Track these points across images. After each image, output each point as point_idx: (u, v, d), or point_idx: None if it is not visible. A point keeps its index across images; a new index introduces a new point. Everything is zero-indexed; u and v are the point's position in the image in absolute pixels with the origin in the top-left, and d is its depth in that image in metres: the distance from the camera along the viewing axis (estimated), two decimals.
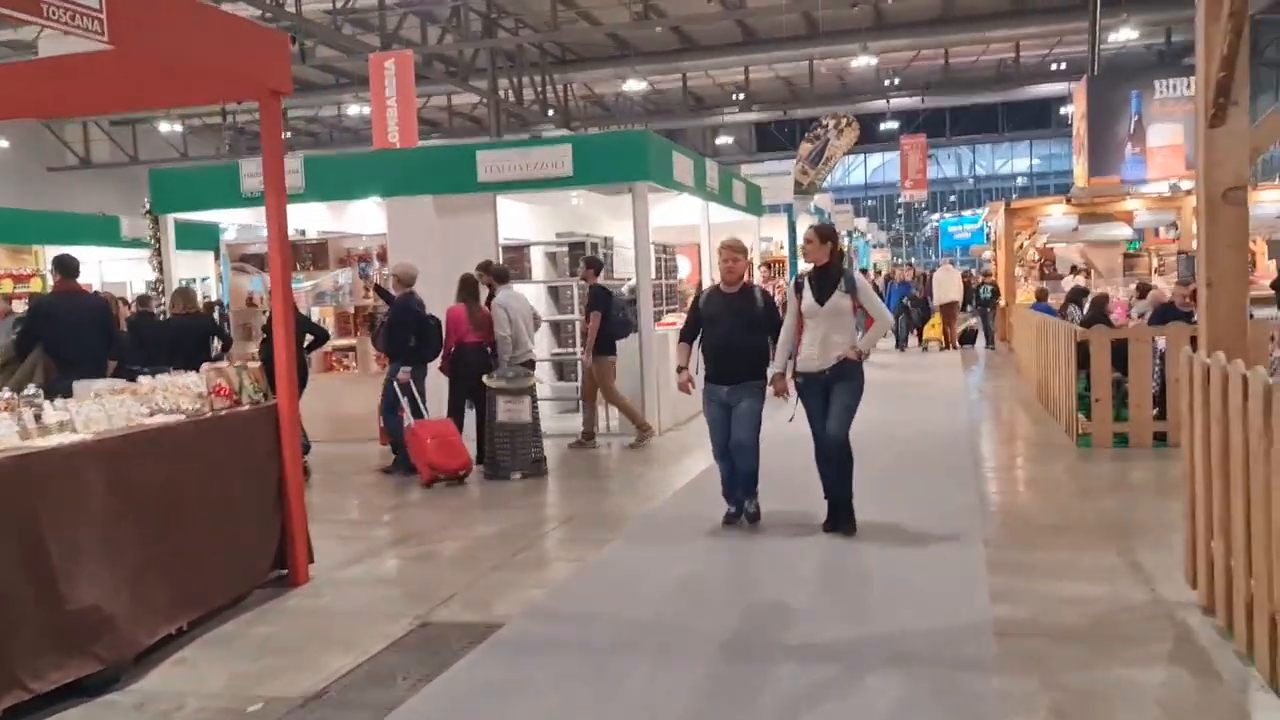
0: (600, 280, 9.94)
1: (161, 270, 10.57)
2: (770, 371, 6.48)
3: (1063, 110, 33.57)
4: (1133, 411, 8.81)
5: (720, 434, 6.61)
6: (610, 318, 9.73)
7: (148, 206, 10.56)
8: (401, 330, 8.82)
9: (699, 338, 6.69)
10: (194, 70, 5.43)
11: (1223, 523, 4.36)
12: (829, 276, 6.25)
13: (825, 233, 6.41)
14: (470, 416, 9.20)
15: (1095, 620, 4.64)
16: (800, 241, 6.67)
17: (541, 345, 11.03)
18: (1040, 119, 38.15)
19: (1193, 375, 4.74)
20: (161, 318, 9.69)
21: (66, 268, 7.78)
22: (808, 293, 6.27)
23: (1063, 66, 29.82)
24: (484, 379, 8.75)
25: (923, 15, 25.72)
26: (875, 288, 20.96)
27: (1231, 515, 4.21)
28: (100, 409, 4.86)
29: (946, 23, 26.00)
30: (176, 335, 8.69)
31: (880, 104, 31.26)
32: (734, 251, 6.57)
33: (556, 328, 11.80)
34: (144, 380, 5.41)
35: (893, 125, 34.46)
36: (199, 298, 11.08)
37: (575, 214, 12.62)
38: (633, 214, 10.17)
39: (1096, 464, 8.46)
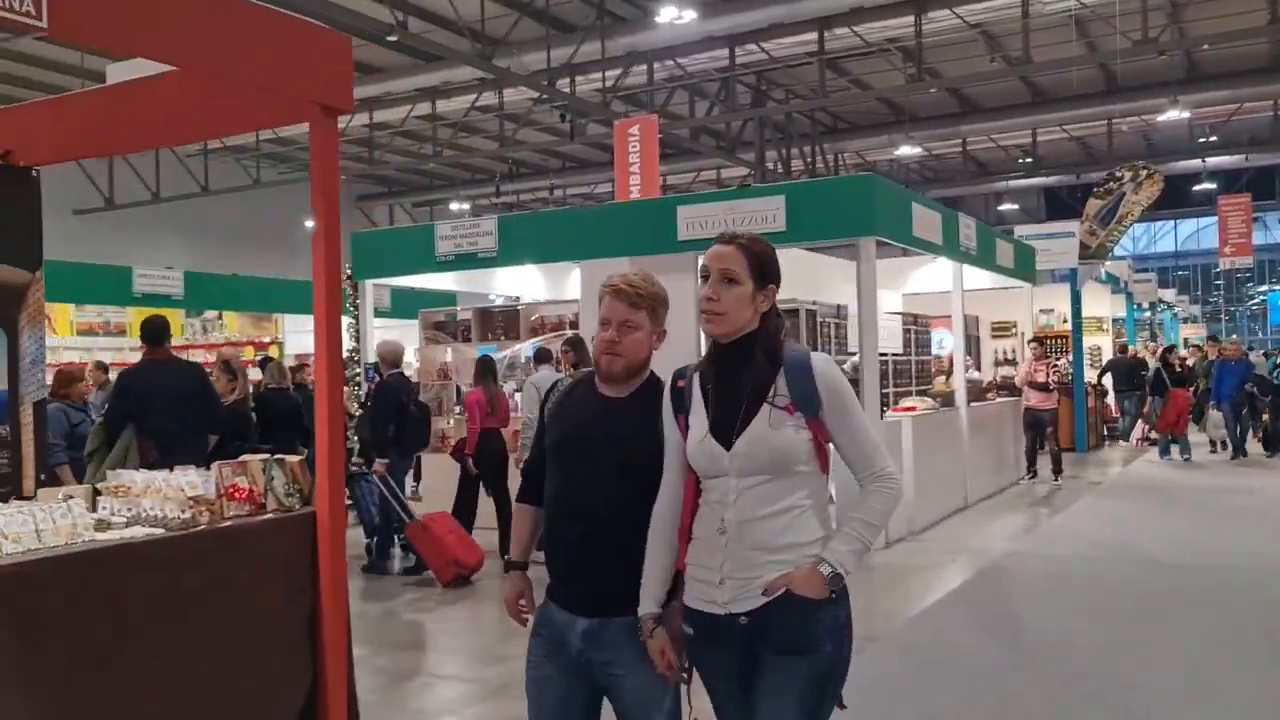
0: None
1: (358, 338, 9.62)
2: (645, 604, 2.55)
3: None
4: None
5: None
6: None
7: (349, 271, 9.69)
8: (380, 418, 7.51)
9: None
10: (240, 88, 4.09)
11: None
12: (748, 368, 2.44)
13: (755, 253, 2.48)
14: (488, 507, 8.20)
15: None
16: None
17: None
18: None
19: None
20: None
21: (153, 333, 6.66)
22: (697, 411, 2.48)
23: None
24: None
25: (1247, 63, 21.70)
26: (1056, 374, 15.71)
27: None
28: (28, 519, 3.47)
29: (1276, 70, 21.79)
30: (265, 414, 7.73)
31: (1194, 163, 26.97)
32: (623, 300, 2.63)
33: None
34: (134, 477, 4.04)
35: (1209, 187, 29.68)
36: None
37: (803, 278, 10.63)
38: (857, 275, 8.07)
39: None
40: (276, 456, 4.36)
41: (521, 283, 11.06)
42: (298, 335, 14.23)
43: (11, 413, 4.88)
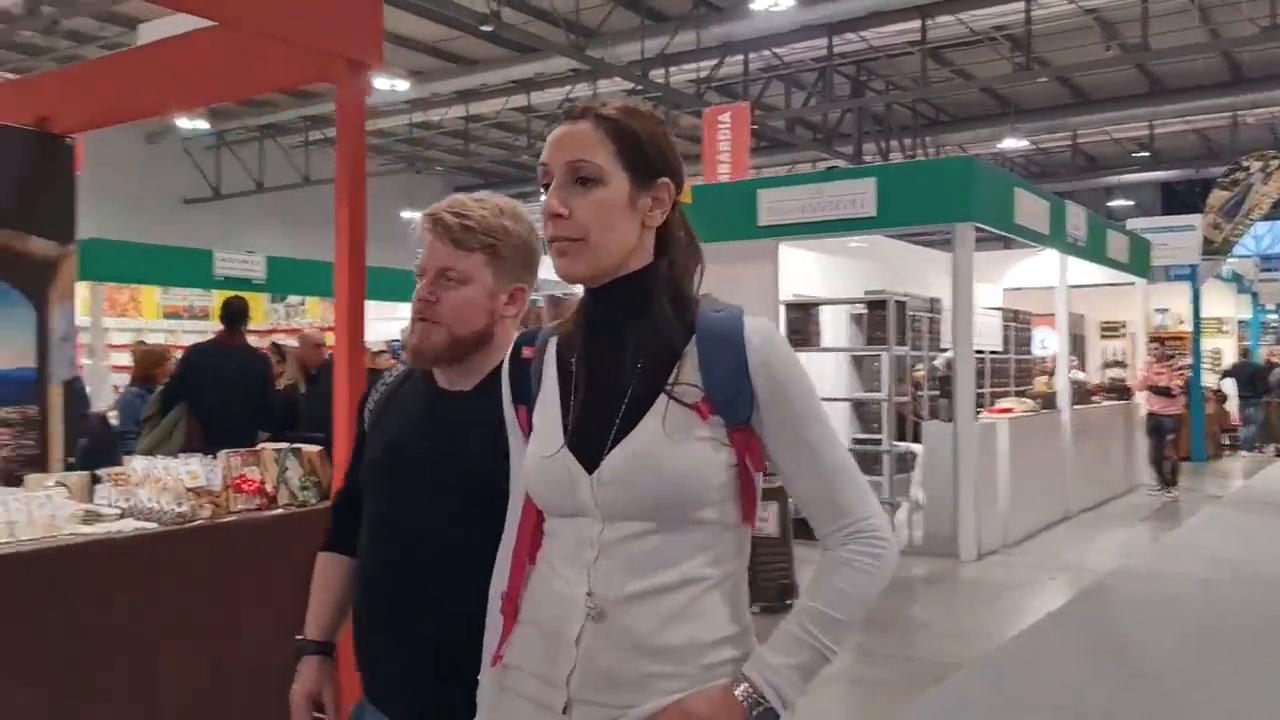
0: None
1: None
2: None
3: None
4: None
5: None
6: None
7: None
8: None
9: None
10: (257, 39, 3.69)
11: None
12: (638, 330, 1.42)
13: (625, 129, 1.42)
14: None
15: None
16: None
17: (839, 428, 8.44)
18: None
19: None
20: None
21: (229, 314, 6.37)
22: (548, 403, 1.47)
23: None
24: None
25: None
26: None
27: None
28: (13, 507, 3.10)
29: None
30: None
31: None
32: (444, 237, 1.69)
33: (859, 407, 9.10)
34: (136, 464, 3.67)
35: None
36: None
37: (894, 268, 9.89)
38: (953, 264, 7.36)
39: None
40: (294, 446, 3.95)
41: None
42: (378, 322, 14.10)
43: (40, 391, 4.60)
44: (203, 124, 19.11)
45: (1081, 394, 10.96)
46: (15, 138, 4.36)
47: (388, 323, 12.86)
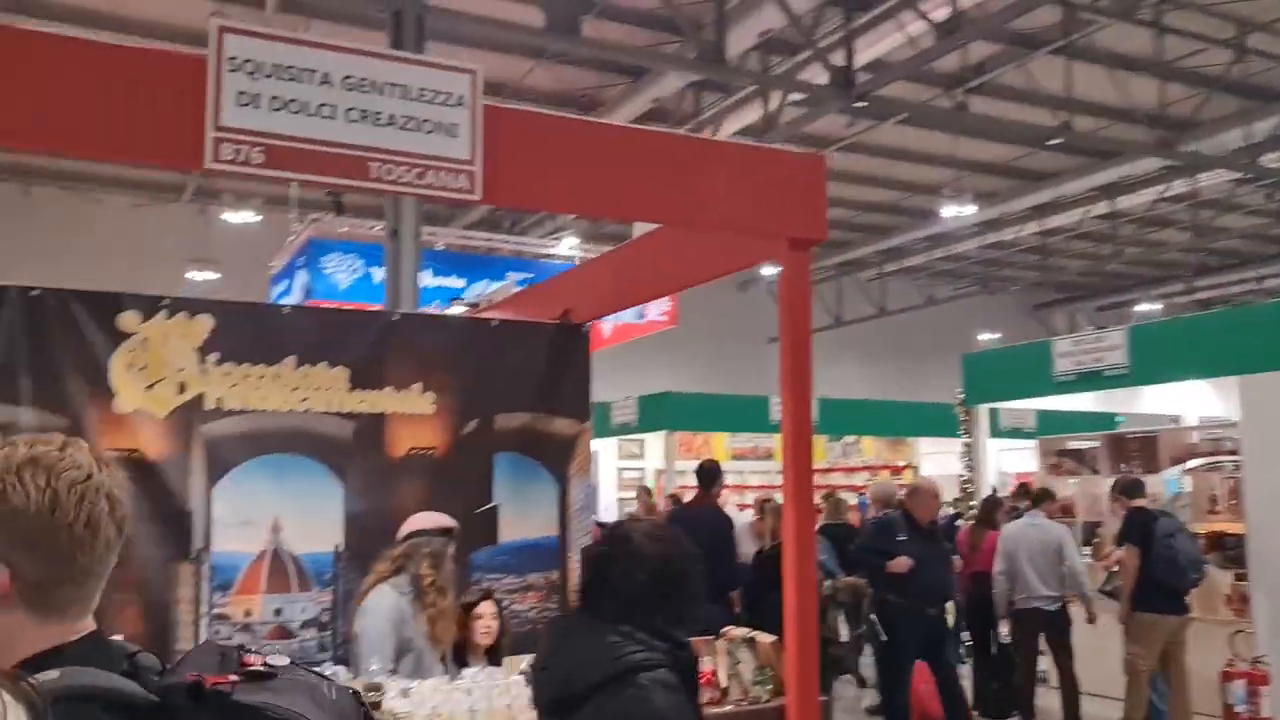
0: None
1: (971, 468, 8.49)
2: None
3: None
4: None
5: None
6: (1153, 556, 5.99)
7: (961, 395, 8.66)
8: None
9: None
10: (698, 232, 3.70)
11: None
12: None
13: None
14: None
15: None
16: None
17: None
18: None
19: None
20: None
21: (700, 476, 6.30)
22: None
23: None
24: None
25: None
26: None
27: None
28: (464, 696, 3.26)
29: None
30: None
31: None
32: None
33: None
34: None
35: None
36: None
37: None
38: None
39: None
40: (749, 635, 3.69)
41: (1187, 400, 8.87)
42: (934, 457, 13.33)
43: (561, 558, 4.93)
44: None
45: None
46: (541, 331, 4.84)
47: (944, 456, 12.08)
